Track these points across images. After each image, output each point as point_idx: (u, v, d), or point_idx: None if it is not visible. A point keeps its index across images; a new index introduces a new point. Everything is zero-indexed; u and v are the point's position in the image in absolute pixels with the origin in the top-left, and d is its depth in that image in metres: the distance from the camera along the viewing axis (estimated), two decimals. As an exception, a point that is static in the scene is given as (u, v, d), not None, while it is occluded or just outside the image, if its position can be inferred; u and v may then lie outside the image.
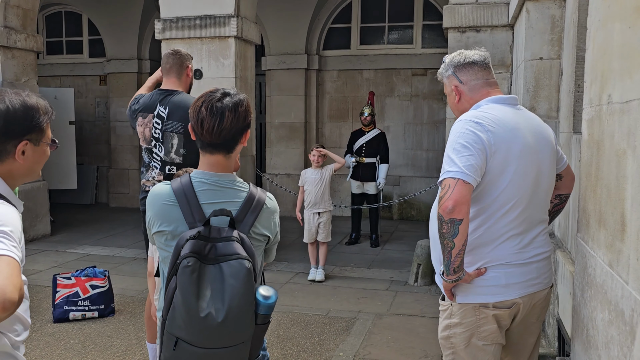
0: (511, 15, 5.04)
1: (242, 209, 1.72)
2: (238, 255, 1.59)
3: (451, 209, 1.88)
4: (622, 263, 1.55)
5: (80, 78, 10.75)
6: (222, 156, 1.76)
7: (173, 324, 1.58)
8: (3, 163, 1.52)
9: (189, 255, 1.56)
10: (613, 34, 1.73)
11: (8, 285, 1.24)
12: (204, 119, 1.70)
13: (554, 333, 3.65)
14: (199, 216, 1.67)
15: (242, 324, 1.59)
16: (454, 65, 2.22)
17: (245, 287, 1.58)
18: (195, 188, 1.73)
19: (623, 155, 1.56)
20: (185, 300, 1.55)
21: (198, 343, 1.57)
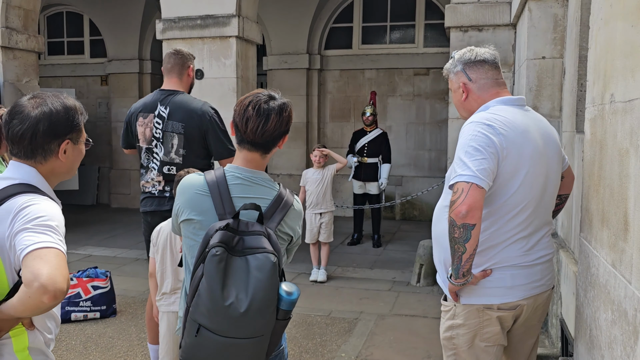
0: (513, 14, 5.03)
1: (272, 206, 1.77)
2: (265, 249, 1.64)
3: (464, 213, 1.85)
4: (625, 263, 1.53)
5: (82, 79, 10.76)
6: (259, 155, 1.82)
7: (196, 311, 1.62)
8: (47, 162, 1.60)
9: (218, 245, 1.60)
10: (616, 32, 1.72)
11: (58, 275, 1.34)
12: (250, 118, 1.75)
13: (557, 333, 3.63)
14: (229, 208, 1.72)
15: (263, 316, 1.62)
16: (463, 61, 2.18)
17: (270, 281, 1.61)
18: (228, 181, 1.78)
19: (626, 155, 1.55)
20: (211, 288, 1.58)
21: (219, 331, 1.61)
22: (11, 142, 1.59)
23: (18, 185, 1.54)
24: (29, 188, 1.54)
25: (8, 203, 1.49)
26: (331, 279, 5.81)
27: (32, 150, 1.58)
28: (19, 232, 1.42)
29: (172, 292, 3.00)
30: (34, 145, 1.57)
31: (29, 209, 1.46)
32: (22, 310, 1.40)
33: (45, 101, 1.59)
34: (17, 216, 1.45)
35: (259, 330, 1.64)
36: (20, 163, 1.59)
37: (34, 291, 1.32)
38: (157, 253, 3.03)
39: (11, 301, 1.42)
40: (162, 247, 3.00)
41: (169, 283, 3.00)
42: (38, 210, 1.46)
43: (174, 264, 2.99)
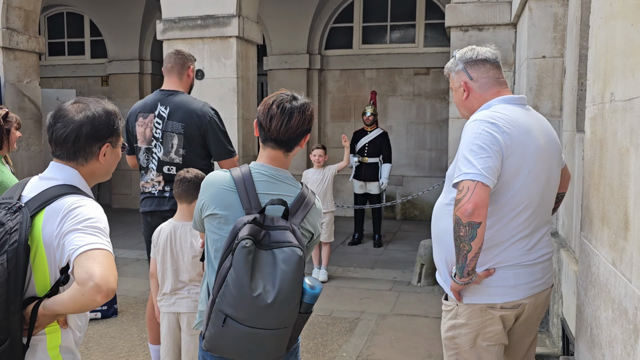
0: (514, 14, 5.03)
1: (295, 204, 1.83)
2: (291, 243, 1.69)
3: (471, 212, 1.84)
4: (625, 261, 1.53)
5: (82, 79, 10.77)
6: (282, 153, 1.88)
7: (223, 301, 1.67)
8: (87, 164, 1.68)
9: (247, 237, 1.65)
10: (615, 31, 1.72)
11: (110, 275, 1.44)
12: (274, 116, 1.83)
13: (558, 333, 3.63)
14: (255, 204, 1.78)
15: (288, 308, 1.68)
16: (465, 60, 2.18)
17: (296, 274, 1.67)
18: (254, 178, 1.84)
19: (626, 153, 1.55)
20: (239, 279, 1.63)
21: (246, 321, 1.66)
22: (55, 144, 1.66)
23: (63, 187, 1.61)
24: (73, 189, 1.61)
25: (56, 203, 1.55)
26: (332, 279, 5.81)
27: (74, 153, 1.65)
28: (69, 232, 1.49)
29: (173, 292, 3.01)
30: (76, 147, 1.64)
31: (78, 210, 1.53)
32: (72, 308, 1.47)
33: (88, 106, 1.67)
34: (67, 217, 1.52)
35: (283, 322, 1.70)
36: (62, 164, 1.66)
37: (88, 290, 1.40)
38: (158, 253, 3.03)
39: (60, 297, 1.49)
40: (163, 247, 3.01)
41: (169, 283, 3.00)
42: (87, 212, 1.54)
43: (175, 265, 2.99)
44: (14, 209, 1.52)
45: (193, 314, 2.96)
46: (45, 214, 1.54)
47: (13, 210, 1.52)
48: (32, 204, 1.55)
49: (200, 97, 6.19)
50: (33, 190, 1.61)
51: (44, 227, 1.53)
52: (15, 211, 1.52)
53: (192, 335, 2.97)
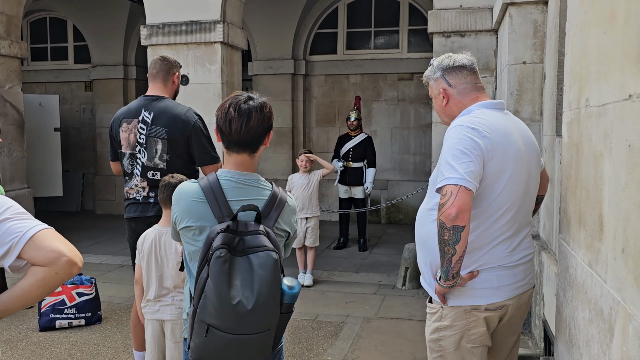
0: (495, 20, 5.11)
1: (267, 206, 1.84)
2: (265, 247, 1.70)
3: (454, 216, 1.87)
4: (600, 262, 1.58)
5: (66, 84, 10.68)
6: (247, 155, 1.88)
7: (204, 312, 1.67)
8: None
9: (221, 247, 1.66)
10: (590, 39, 1.77)
11: (72, 247, 1.43)
12: (232, 119, 1.81)
13: (539, 334, 3.68)
14: (226, 212, 1.78)
15: (269, 312, 1.70)
16: (442, 68, 2.22)
17: (273, 277, 1.68)
18: (223, 186, 1.83)
19: (600, 157, 1.60)
20: (218, 289, 1.64)
21: (229, 329, 1.67)
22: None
23: None
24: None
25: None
26: (317, 283, 5.82)
27: None
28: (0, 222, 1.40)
29: (157, 299, 3.00)
30: None
31: None
32: (39, 293, 1.40)
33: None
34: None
35: (266, 325, 1.72)
36: None
37: (62, 265, 1.38)
38: (143, 260, 3.03)
39: (20, 288, 1.39)
40: (147, 253, 3.00)
41: (153, 290, 3.00)
42: (3, 202, 1.45)
43: (159, 271, 2.99)
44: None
45: (177, 321, 2.95)
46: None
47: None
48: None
49: (185, 102, 6.17)
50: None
51: None
52: None
53: (177, 342, 2.97)
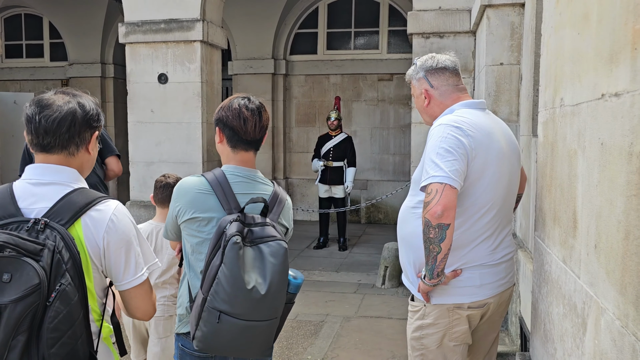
0: (473, 22, 5.17)
1: (271, 201, 1.92)
2: (275, 237, 1.78)
3: (440, 214, 1.88)
4: (574, 258, 1.61)
5: (41, 82, 10.50)
6: (252, 154, 1.98)
7: (216, 299, 1.70)
8: (78, 154, 1.57)
9: (236, 234, 1.71)
10: (564, 40, 1.81)
11: (147, 310, 1.70)
12: (247, 118, 1.91)
13: (516, 331, 3.74)
14: (234, 204, 1.85)
15: (278, 299, 1.77)
16: (425, 68, 2.23)
17: (283, 265, 1.76)
18: (229, 179, 1.91)
19: (574, 156, 1.63)
20: (233, 274, 1.68)
21: (241, 315, 1.70)
22: (44, 132, 1.49)
23: (82, 192, 1.52)
24: (92, 193, 1.54)
25: (93, 213, 1.49)
26: (297, 283, 5.82)
27: (68, 139, 1.52)
28: (119, 249, 1.52)
29: None
30: (71, 132, 1.52)
31: (120, 225, 1.53)
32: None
33: (73, 95, 1.57)
34: (112, 230, 1.51)
35: (275, 313, 1.78)
36: (53, 165, 1.52)
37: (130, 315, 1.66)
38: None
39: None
40: None
41: None
42: (127, 225, 1.55)
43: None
44: (40, 227, 1.40)
45: (160, 318, 2.95)
46: (84, 225, 1.47)
47: (39, 229, 1.40)
48: (59, 216, 1.44)
49: (164, 101, 6.15)
50: (36, 199, 1.48)
51: (86, 238, 1.47)
52: (43, 229, 1.40)
53: (160, 338, 2.97)
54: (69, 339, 1.36)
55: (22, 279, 1.31)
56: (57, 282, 1.35)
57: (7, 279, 1.30)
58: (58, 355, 1.34)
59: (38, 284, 1.31)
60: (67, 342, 1.36)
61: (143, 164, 6.16)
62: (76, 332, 1.38)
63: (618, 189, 1.26)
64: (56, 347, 1.34)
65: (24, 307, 1.30)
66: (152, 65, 6.15)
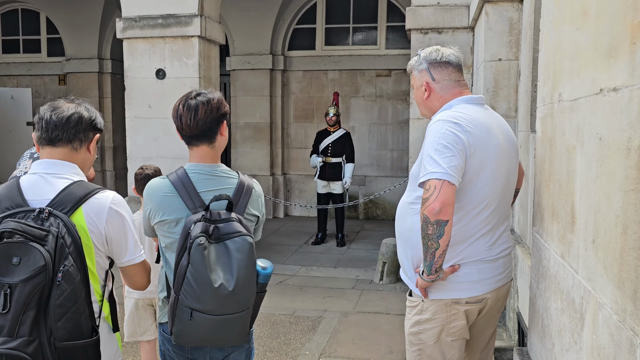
0: (471, 18, 5.16)
1: (236, 194, 1.94)
2: (240, 233, 1.81)
3: (438, 210, 1.88)
4: (572, 254, 1.61)
5: (39, 78, 10.47)
6: (206, 146, 1.96)
7: (187, 297, 1.76)
8: (80, 150, 1.78)
9: (200, 235, 1.76)
10: (563, 35, 1.81)
11: (144, 283, 1.96)
12: (182, 115, 1.93)
13: (514, 326, 3.75)
14: (199, 203, 1.88)
15: (248, 292, 1.82)
16: (429, 61, 2.21)
17: (249, 259, 1.80)
18: (192, 178, 1.93)
19: (573, 151, 1.63)
20: (199, 274, 1.74)
21: (212, 311, 1.77)
22: (54, 126, 1.71)
23: (83, 184, 1.72)
24: (91, 185, 1.73)
25: (93, 202, 1.69)
26: (295, 278, 5.83)
27: (74, 134, 1.73)
28: (119, 234, 1.74)
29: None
30: (78, 128, 1.74)
31: (119, 213, 1.74)
32: None
33: (80, 102, 1.82)
34: (111, 217, 1.71)
35: (246, 304, 1.83)
36: (57, 160, 1.72)
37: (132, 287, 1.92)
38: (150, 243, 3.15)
39: None
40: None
41: None
42: (125, 214, 1.76)
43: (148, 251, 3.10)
44: (45, 215, 1.57)
45: None
46: (86, 213, 1.66)
47: (44, 217, 1.57)
48: (61, 205, 1.63)
49: (161, 97, 6.14)
50: (42, 191, 1.65)
51: (88, 224, 1.66)
52: (47, 217, 1.57)
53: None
54: (73, 314, 1.55)
55: (29, 261, 1.50)
56: (62, 264, 1.54)
57: (17, 262, 1.50)
58: (64, 329, 1.52)
59: (44, 265, 1.50)
60: (72, 316, 1.54)
61: (141, 159, 6.15)
62: (79, 308, 1.57)
63: (616, 183, 1.26)
64: (62, 321, 1.52)
65: (32, 286, 1.49)
66: (150, 60, 6.13)
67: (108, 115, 9.95)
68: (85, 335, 1.60)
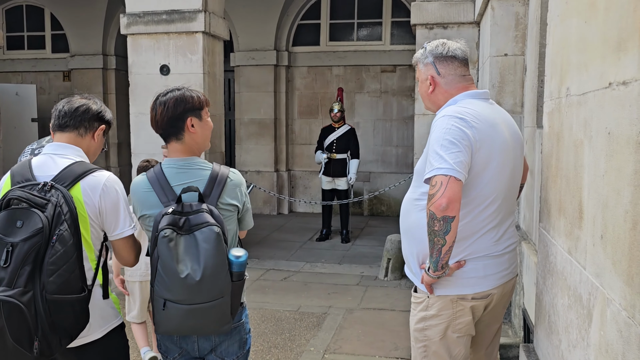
0: (477, 13, 5.13)
1: (208, 185, 1.98)
2: (208, 223, 1.85)
3: (445, 206, 1.87)
4: (580, 249, 1.60)
5: (43, 74, 10.49)
6: (175, 142, 2.02)
7: (160, 288, 1.84)
8: (86, 137, 2.03)
9: (166, 227, 1.83)
10: (571, 29, 1.79)
11: (131, 259, 2.13)
12: (150, 112, 2.03)
13: (519, 323, 3.74)
14: (171, 196, 1.94)
15: (217, 281, 1.84)
16: (435, 54, 2.19)
17: (217, 249, 1.83)
18: (165, 173, 2.00)
19: (580, 146, 1.62)
20: (167, 266, 1.81)
21: (182, 301, 1.83)
22: (64, 114, 1.98)
23: (83, 164, 1.95)
24: (91, 165, 1.96)
25: (90, 179, 1.91)
26: (300, 274, 5.83)
27: (80, 121, 1.99)
28: (112, 209, 1.94)
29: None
30: (84, 117, 1.99)
31: (112, 189, 1.95)
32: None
33: (92, 98, 2.08)
34: (105, 193, 1.93)
35: (218, 293, 1.85)
36: (64, 144, 1.98)
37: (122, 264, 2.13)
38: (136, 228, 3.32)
39: None
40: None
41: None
42: (119, 190, 1.97)
43: None
44: (47, 188, 1.82)
45: None
46: (83, 188, 1.89)
47: (47, 189, 1.82)
48: (62, 180, 1.87)
49: (165, 92, 6.13)
50: (48, 168, 1.91)
51: (84, 197, 1.89)
52: (49, 189, 1.82)
53: None
54: (64, 272, 1.77)
55: (30, 224, 1.75)
56: (57, 229, 1.77)
57: (20, 225, 1.76)
58: (54, 283, 1.75)
59: (41, 228, 1.74)
60: (62, 274, 1.77)
61: (145, 155, 6.13)
62: (70, 267, 1.79)
63: (625, 178, 1.25)
64: (53, 277, 1.75)
65: (30, 245, 1.73)
66: (154, 56, 6.13)
67: (112, 112, 9.90)
68: (74, 291, 1.81)
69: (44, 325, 1.74)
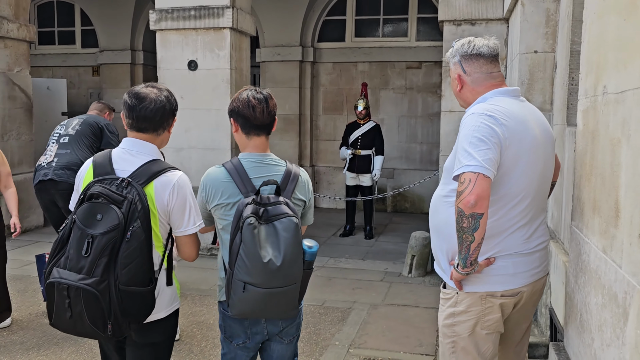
0: (506, 9, 5.08)
1: (284, 180, 2.16)
2: (287, 214, 2.00)
3: (473, 203, 1.87)
4: (615, 248, 1.59)
5: (73, 69, 10.70)
6: (264, 138, 2.21)
7: (240, 272, 1.97)
8: (162, 134, 2.16)
9: (250, 215, 1.96)
10: (608, 26, 1.77)
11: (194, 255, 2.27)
12: (255, 106, 2.14)
13: (546, 322, 3.71)
14: (250, 187, 2.10)
15: (294, 267, 2.00)
16: (461, 53, 2.21)
17: (295, 238, 1.99)
18: (245, 166, 2.16)
19: (618, 144, 1.61)
20: (250, 251, 1.94)
21: (262, 284, 1.97)
22: (142, 119, 2.08)
23: (157, 162, 2.08)
24: (164, 164, 2.10)
25: (163, 178, 2.04)
26: (324, 269, 5.86)
27: (160, 124, 2.12)
28: (181, 208, 2.07)
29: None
30: (162, 120, 2.12)
31: (183, 190, 2.07)
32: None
33: (160, 89, 2.15)
34: (176, 193, 2.05)
35: (293, 279, 2.02)
36: (141, 141, 2.11)
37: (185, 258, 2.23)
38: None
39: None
40: None
41: None
42: (188, 191, 2.09)
43: None
44: (125, 184, 1.96)
45: None
46: (155, 186, 2.03)
47: (124, 185, 1.95)
48: (138, 178, 2.01)
49: (193, 88, 6.21)
50: (126, 164, 2.06)
51: (156, 195, 2.02)
52: (126, 186, 1.95)
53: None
54: (135, 265, 1.92)
55: (108, 219, 1.89)
56: (131, 225, 1.91)
57: (100, 218, 1.90)
58: (126, 275, 1.90)
59: (118, 224, 1.89)
60: (133, 267, 1.91)
61: (172, 149, 6.25)
62: (140, 261, 1.93)
63: (666, 177, 1.24)
64: (126, 269, 1.90)
65: (108, 239, 1.88)
66: (182, 52, 6.21)
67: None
68: (144, 283, 1.96)
69: (116, 311, 1.90)
